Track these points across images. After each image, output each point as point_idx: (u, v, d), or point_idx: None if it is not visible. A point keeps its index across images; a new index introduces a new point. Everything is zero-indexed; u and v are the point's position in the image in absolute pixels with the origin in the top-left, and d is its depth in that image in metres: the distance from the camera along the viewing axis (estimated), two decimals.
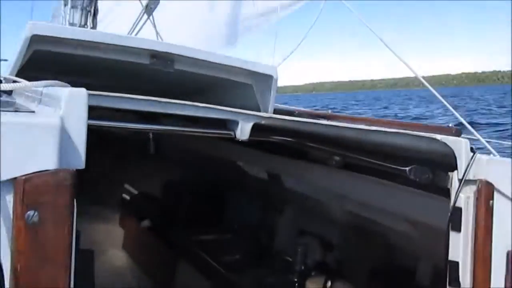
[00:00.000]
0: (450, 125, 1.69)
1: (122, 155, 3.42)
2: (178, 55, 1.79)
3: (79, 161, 0.77)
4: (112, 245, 3.75)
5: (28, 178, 0.70)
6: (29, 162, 0.70)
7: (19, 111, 0.77)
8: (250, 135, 1.75)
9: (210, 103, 1.74)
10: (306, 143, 1.85)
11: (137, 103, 1.53)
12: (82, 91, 0.78)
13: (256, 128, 1.74)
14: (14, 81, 1.46)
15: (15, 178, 0.70)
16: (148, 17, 2.65)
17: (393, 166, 1.58)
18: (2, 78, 1.53)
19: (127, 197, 3.92)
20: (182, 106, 1.60)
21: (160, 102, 1.55)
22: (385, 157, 1.61)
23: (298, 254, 2.52)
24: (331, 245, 2.62)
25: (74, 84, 1.61)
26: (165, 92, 2.10)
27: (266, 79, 1.96)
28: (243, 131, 1.73)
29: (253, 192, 3.09)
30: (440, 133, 1.53)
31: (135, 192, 3.88)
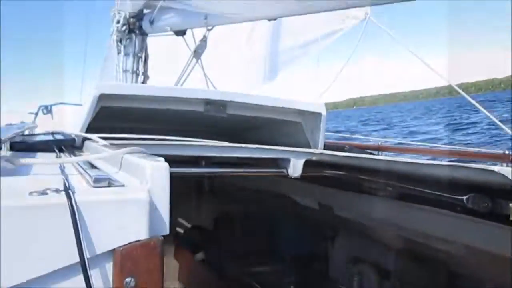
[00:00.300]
0: (507, 152, 1.67)
1: (175, 191, 3.55)
2: (230, 101, 1.90)
3: (165, 228, 0.85)
4: (168, 277, 3.86)
5: (125, 249, 0.78)
6: (125, 234, 0.79)
7: (113, 186, 0.87)
8: (302, 171, 1.81)
9: (261, 141, 1.82)
10: (358, 176, 1.88)
11: (197, 149, 1.63)
12: (165, 165, 0.87)
13: (307, 165, 1.79)
14: (85, 138, 1.60)
15: (114, 249, 0.79)
16: (197, 61, 2.80)
17: (449, 195, 1.58)
18: (73, 135, 1.68)
19: (181, 231, 4.03)
20: (238, 149, 1.69)
21: (217, 146, 1.65)
22: (440, 187, 1.61)
23: (354, 283, 2.51)
24: (388, 273, 2.58)
25: (135, 130, 1.73)
26: (217, 132, 2.21)
27: (315, 117, 2.03)
28: (295, 168, 1.80)
29: (305, 223, 3.11)
30: (497, 161, 1.52)
31: (189, 225, 3.99)
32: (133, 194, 0.81)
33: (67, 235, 0.72)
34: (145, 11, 3.23)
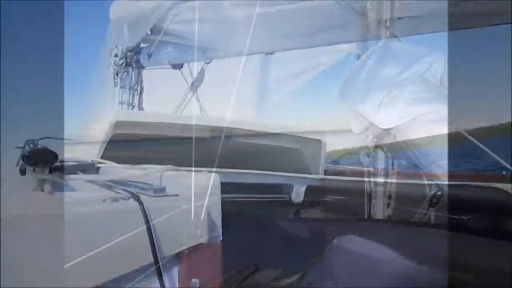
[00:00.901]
0: (504, 172, 1.74)
1: None
2: (235, 128, 1.97)
3: (219, 233, 0.91)
4: None
5: (189, 252, 0.84)
6: (189, 238, 0.84)
7: (170, 195, 0.90)
8: (304, 196, 1.85)
9: (262, 169, 1.87)
10: (361, 200, 1.92)
11: None
12: (217, 177, 0.92)
13: (309, 190, 1.84)
14: (100, 163, 1.63)
15: (180, 251, 0.84)
16: (193, 94, 2.87)
17: (452, 216, 1.64)
18: (89, 161, 1.71)
19: None
20: (244, 175, 1.73)
21: (224, 172, 1.68)
22: (441, 207, 1.67)
23: None
24: None
25: (142, 160, 1.76)
26: (219, 159, 2.25)
27: (315, 144, 2.10)
28: (298, 193, 1.85)
29: (305, 250, 3.10)
30: (497, 182, 1.58)
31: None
32: (194, 202, 0.86)
33: (140, 237, 0.77)
34: (142, 45, 3.31)
